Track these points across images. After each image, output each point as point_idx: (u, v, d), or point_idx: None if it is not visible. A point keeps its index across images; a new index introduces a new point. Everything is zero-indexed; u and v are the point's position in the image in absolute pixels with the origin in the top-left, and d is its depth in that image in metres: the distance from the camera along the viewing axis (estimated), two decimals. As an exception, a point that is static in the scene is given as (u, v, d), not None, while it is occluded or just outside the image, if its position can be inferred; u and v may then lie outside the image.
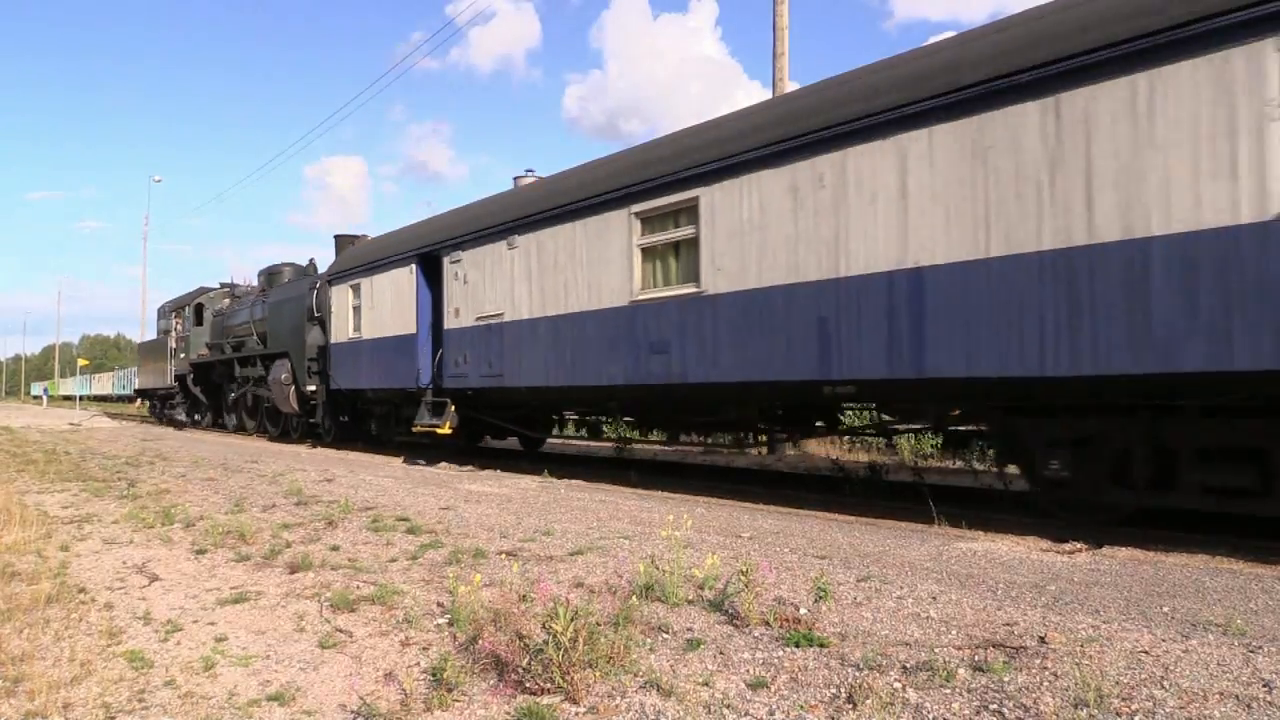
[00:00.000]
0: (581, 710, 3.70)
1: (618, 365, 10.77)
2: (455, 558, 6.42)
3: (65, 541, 7.91)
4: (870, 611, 4.63)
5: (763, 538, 6.97)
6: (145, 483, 12.15)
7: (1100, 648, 3.86)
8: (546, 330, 12.06)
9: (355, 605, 5.42)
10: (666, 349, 10.06)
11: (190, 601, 5.88)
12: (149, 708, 4.08)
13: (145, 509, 9.54)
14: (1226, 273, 5.76)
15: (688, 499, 9.93)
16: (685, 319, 9.82)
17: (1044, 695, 3.41)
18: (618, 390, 10.96)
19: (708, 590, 5.09)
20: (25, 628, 5.24)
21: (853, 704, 3.50)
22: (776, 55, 16.80)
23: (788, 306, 8.63)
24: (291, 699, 4.14)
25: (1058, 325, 6.60)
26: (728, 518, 8.15)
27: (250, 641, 5.01)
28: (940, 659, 3.82)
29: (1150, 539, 6.80)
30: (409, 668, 4.34)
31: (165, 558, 7.24)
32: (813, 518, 8.33)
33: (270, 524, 8.33)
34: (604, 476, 11.85)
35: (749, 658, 4.08)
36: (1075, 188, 6.55)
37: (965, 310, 7.17)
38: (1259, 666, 3.58)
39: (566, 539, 6.99)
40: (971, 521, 7.61)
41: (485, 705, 3.85)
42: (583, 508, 8.86)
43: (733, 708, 3.58)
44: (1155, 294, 6.08)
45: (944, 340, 7.31)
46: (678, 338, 9.90)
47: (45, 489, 11.87)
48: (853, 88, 8.39)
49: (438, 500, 9.58)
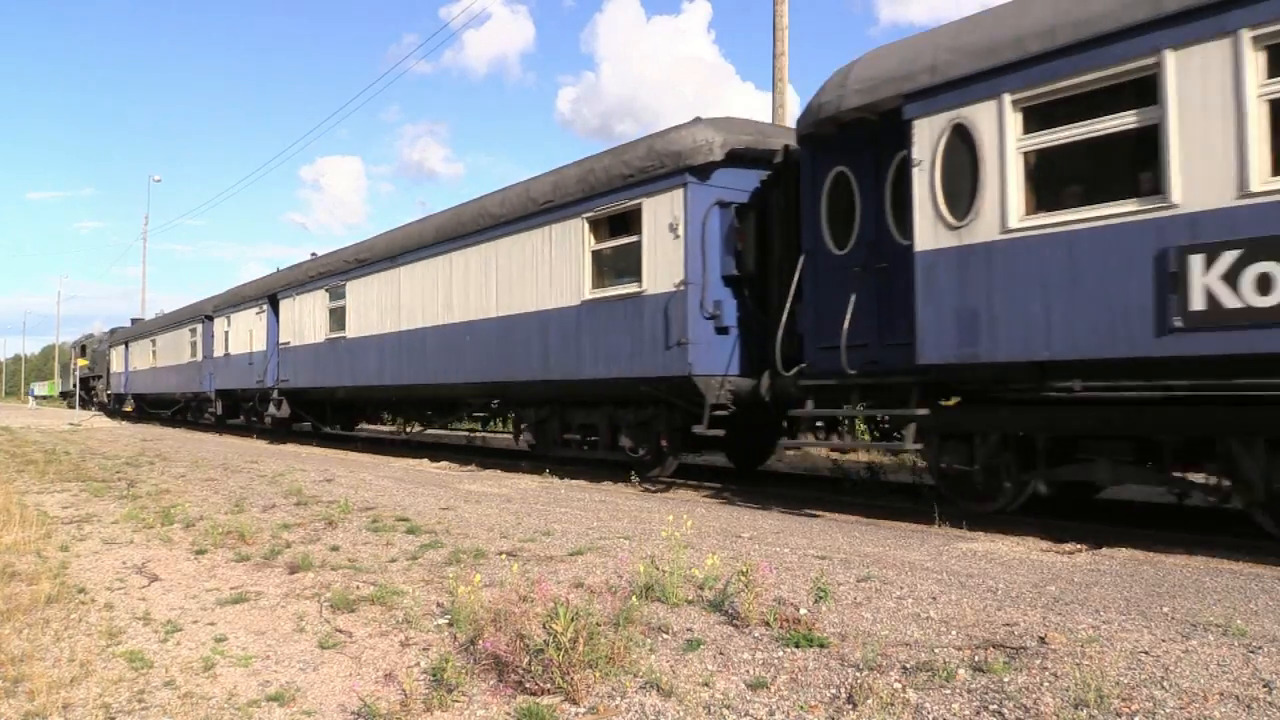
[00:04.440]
0: (581, 710, 3.70)
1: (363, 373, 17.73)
2: (455, 558, 6.42)
3: (65, 542, 7.91)
4: (870, 612, 4.63)
5: (763, 538, 6.98)
6: (145, 483, 12.15)
7: (1100, 648, 3.86)
8: (335, 348, 18.89)
9: (355, 605, 5.41)
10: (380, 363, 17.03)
11: (190, 602, 5.88)
12: (149, 708, 4.09)
13: (145, 509, 9.54)
14: (565, 328, 11.93)
15: (688, 499, 9.93)
16: (384, 346, 16.85)
17: (1044, 695, 3.41)
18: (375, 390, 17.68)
19: (708, 590, 5.09)
20: (25, 628, 5.24)
21: (853, 704, 3.50)
22: (776, 55, 16.80)
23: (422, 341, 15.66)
24: (291, 699, 4.14)
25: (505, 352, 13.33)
26: (728, 518, 8.15)
27: (250, 642, 5.01)
28: (940, 659, 3.82)
29: (1150, 539, 6.80)
30: (409, 668, 4.34)
31: (165, 558, 7.24)
32: (813, 518, 8.33)
33: (270, 524, 8.33)
34: (604, 477, 11.86)
35: (749, 658, 4.08)
36: (489, 288, 13.70)
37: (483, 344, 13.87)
38: (1259, 666, 3.58)
39: (567, 539, 6.99)
40: (972, 521, 7.61)
41: (485, 705, 3.85)
42: (583, 508, 8.86)
43: (733, 708, 3.58)
44: (551, 339, 12.26)
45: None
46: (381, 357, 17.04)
47: (45, 489, 11.88)
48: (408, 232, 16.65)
49: (438, 500, 9.58)
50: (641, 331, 10.55)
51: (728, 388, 9.87)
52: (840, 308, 8.43)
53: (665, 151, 10.33)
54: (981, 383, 7.70)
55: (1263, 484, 6.23)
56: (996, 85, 7.14)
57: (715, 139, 9.98)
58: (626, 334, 10.79)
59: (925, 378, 7.79)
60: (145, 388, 35.45)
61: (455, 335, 14.34)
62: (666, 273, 10.25)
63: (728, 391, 9.86)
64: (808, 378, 8.83)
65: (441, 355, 14.78)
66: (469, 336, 13.98)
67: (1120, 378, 6.61)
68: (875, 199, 8.41)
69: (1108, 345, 6.45)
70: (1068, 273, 6.67)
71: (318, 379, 19.55)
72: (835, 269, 8.72)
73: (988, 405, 7.76)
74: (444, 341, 14.68)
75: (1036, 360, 6.90)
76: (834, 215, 8.83)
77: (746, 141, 10.14)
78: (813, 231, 8.99)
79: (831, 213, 8.85)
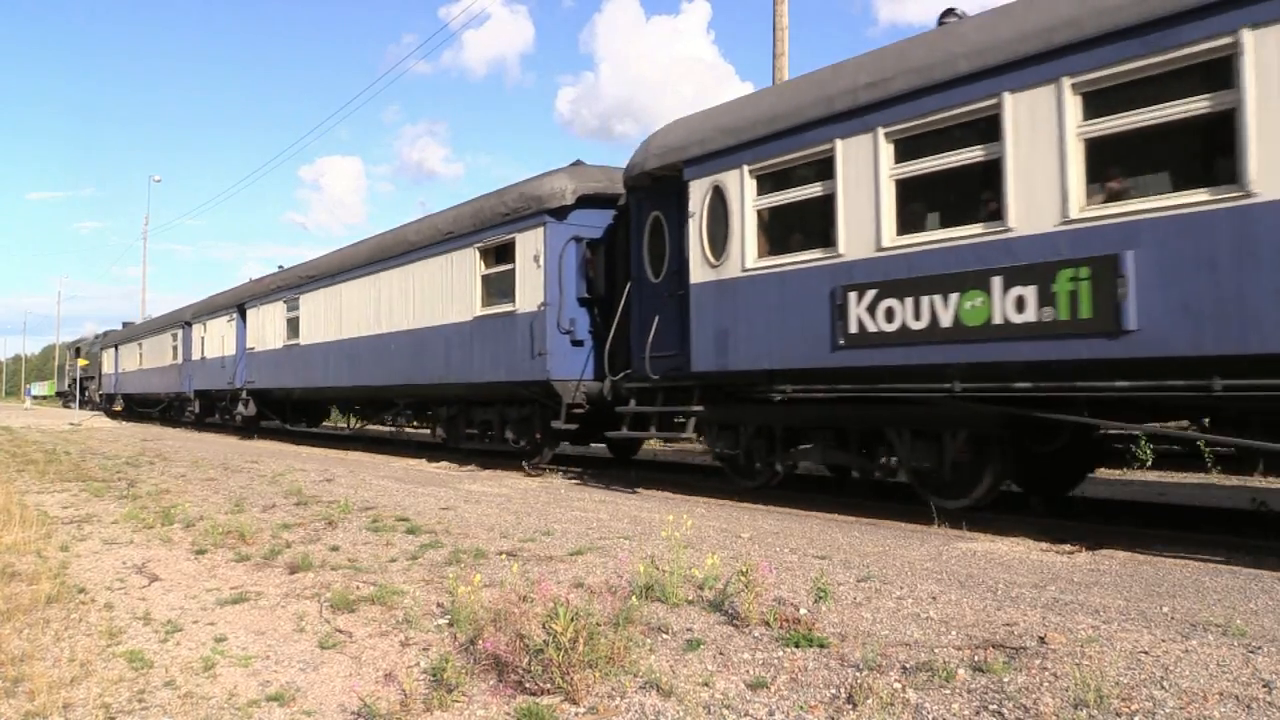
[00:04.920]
0: (581, 710, 3.70)
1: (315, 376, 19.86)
2: (455, 558, 6.42)
3: (65, 542, 7.91)
4: (870, 612, 4.63)
5: (763, 538, 6.98)
6: (145, 483, 12.15)
7: (1100, 648, 3.85)
8: (291, 353, 21.04)
9: (355, 605, 5.41)
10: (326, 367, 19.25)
11: (190, 602, 5.88)
12: (149, 708, 4.09)
13: (145, 509, 9.54)
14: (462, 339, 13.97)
15: (688, 499, 9.93)
16: (329, 352, 19.11)
17: (1044, 695, 3.41)
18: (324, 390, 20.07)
19: (708, 590, 5.09)
20: (25, 628, 5.24)
21: (853, 704, 3.50)
22: (776, 55, 16.81)
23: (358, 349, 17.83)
24: (291, 699, 4.14)
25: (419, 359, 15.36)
26: (728, 518, 8.15)
27: (250, 642, 5.01)
28: (940, 659, 3.82)
29: (1150, 539, 6.80)
30: (409, 668, 4.34)
31: (165, 558, 7.24)
32: (813, 518, 8.33)
33: (270, 524, 8.33)
34: (604, 477, 11.87)
35: (749, 658, 4.08)
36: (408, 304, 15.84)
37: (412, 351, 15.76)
38: (1259, 667, 3.58)
39: (567, 539, 6.99)
40: (971, 522, 7.61)
41: (485, 705, 3.85)
42: (583, 508, 8.86)
43: (733, 708, 3.58)
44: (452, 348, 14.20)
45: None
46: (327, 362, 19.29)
47: (45, 489, 11.88)
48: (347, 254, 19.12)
49: (438, 500, 9.58)
50: (515, 343, 12.64)
51: (582, 390, 11.89)
52: (661, 324, 10.40)
53: (530, 196, 12.52)
54: (736, 386, 9.58)
55: (910, 462, 8.33)
56: (739, 158, 9.21)
57: (568, 186, 12.14)
58: (505, 345, 12.88)
59: (703, 381, 9.74)
60: (133, 388, 37.78)
61: (383, 344, 16.66)
62: (532, 295, 12.38)
63: (582, 393, 11.88)
64: (631, 381, 10.77)
65: (373, 361, 17.06)
66: (393, 345, 16.28)
67: (814, 383, 8.50)
68: (679, 238, 10.18)
69: (805, 358, 8.45)
70: (781, 303, 8.70)
71: (278, 381, 21.92)
72: (652, 294, 10.65)
73: (742, 403, 9.71)
74: (375, 349, 17.00)
75: (765, 369, 8.90)
76: (653, 250, 10.70)
77: (596, 188, 12.20)
78: (637, 262, 10.91)
79: (651, 248, 10.73)
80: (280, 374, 21.69)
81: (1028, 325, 6.72)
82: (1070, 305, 6.49)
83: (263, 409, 24.05)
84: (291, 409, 24.21)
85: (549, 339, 11.92)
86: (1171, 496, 9.67)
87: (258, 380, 23.02)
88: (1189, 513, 8.37)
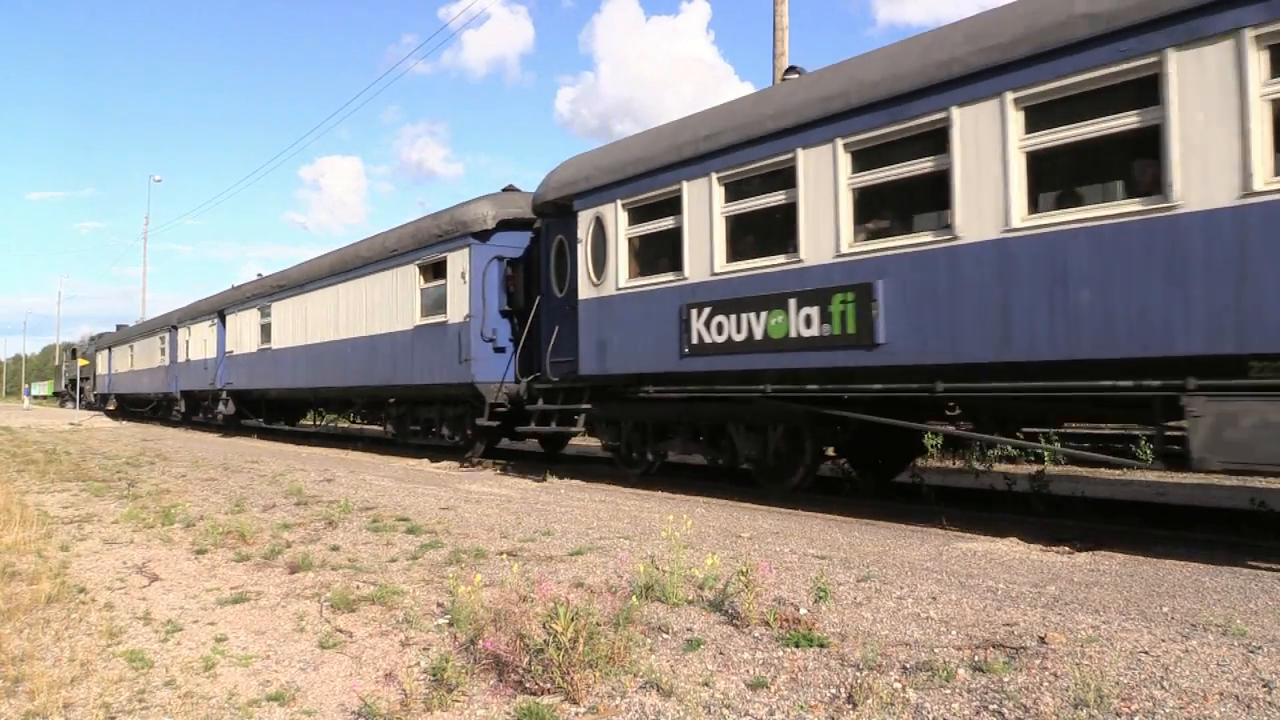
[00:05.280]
0: (581, 710, 3.70)
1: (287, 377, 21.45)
2: (455, 558, 6.42)
3: (65, 541, 7.91)
4: (870, 612, 4.63)
5: (763, 538, 6.98)
6: (145, 483, 12.15)
7: (1100, 648, 3.85)
8: (264, 356, 22.86)
9: (355, 605, 5.42)
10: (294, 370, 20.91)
11: (190, 601, 5.88)
12: (149, 708, 4.09)
13: (145, 509, 9.54)
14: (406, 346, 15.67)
15: (688, 499, 9.93)
16: (297, 356, 20.73)
17: (1044, 695, 3.41)
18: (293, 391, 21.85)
19: (708, 590, 5.09)
20: (25, 628, 5.24)
21: (853, 704, 3.50)
22: (776, 55, 16.80)
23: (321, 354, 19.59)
24: (291, 699, 4.14)
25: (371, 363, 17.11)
26: (728, 518, 8.15)
27: (250, 641, 5.01)
28: (940, 659, 3.82)
29: (1150, 539, 6.80)
30: (409, 668, 4.34)
31: (165, 558, 7.24)
32: (813, 518, 8.33)
33: (270, 524, 8.33)
34: (603, 477, 11.87)
35: (749, 658, 4.08)
36: (362, 313, 17.43)
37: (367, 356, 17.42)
38: (1259, 666, 3.58)
39: (567, 539, 6.99)
40: (971, 522, 7.61)
41: (485, 705, 3.85)
42: (583, 508, 8.86)
43: (733, 708, 3.58)
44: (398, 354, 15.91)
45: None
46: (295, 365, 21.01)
47: (45, 489, 11.88)
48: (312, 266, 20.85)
49: (438, 500, 9.58)
50: (447, 350, 14.24)
51: (504, 391, 13.38)
52: (560, 334, 11.94)
53: (458, 220, 14.23)
54: (615, 387, 10.99)
55: (744, 452, 9.92)
56: (615, 193, 10.77)
57: (490, 212, 13.81)
58: (439, 352, 14.51)
59: (590, 383, 11.28)
60: (125, 388, 39.79)
61: (341, 349, 18.52)
62: (460, 307, 14.01)
63: (504, 394, 13.37)
64: (539, 383, 12.36)
65: (334, 365, 18.89)
66: (349, 351, 18.08)
67: (669, 385, 10.03)
68: (576, 259, 11.61)
69: (662, 363, 9.96)
70: (645, 317, 10.24)
71: (253, 382, 23.82)
72: (556, 307, 12.09)
73: (621, 402, 11.13)
74: (335, 354, 18.85)
75: (635, 372, 10.42)
76: (558, 268, 12.14)
77: (515, 213, 13.71)
78: (545, 279, 12.42)
79: (556, 267, 12.18)
80: (255, 376, 23.52)
81: (814, 338, 8.26)
82: (841, 322, 8.01)
83: (242, 408, 25.87)
84: (267, 408, 26.10)
85: (474, 346, 13.56)
86: (1171, 496, 9.66)
87: (236, 381, 24.78)
88: (1189, 513, 8.36)
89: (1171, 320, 5.93)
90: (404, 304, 15.87)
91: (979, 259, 7.03)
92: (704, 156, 9.42)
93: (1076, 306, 6.44)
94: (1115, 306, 6.22)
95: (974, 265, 7.04)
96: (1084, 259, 6.38)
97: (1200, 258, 5.81)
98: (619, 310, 10.66)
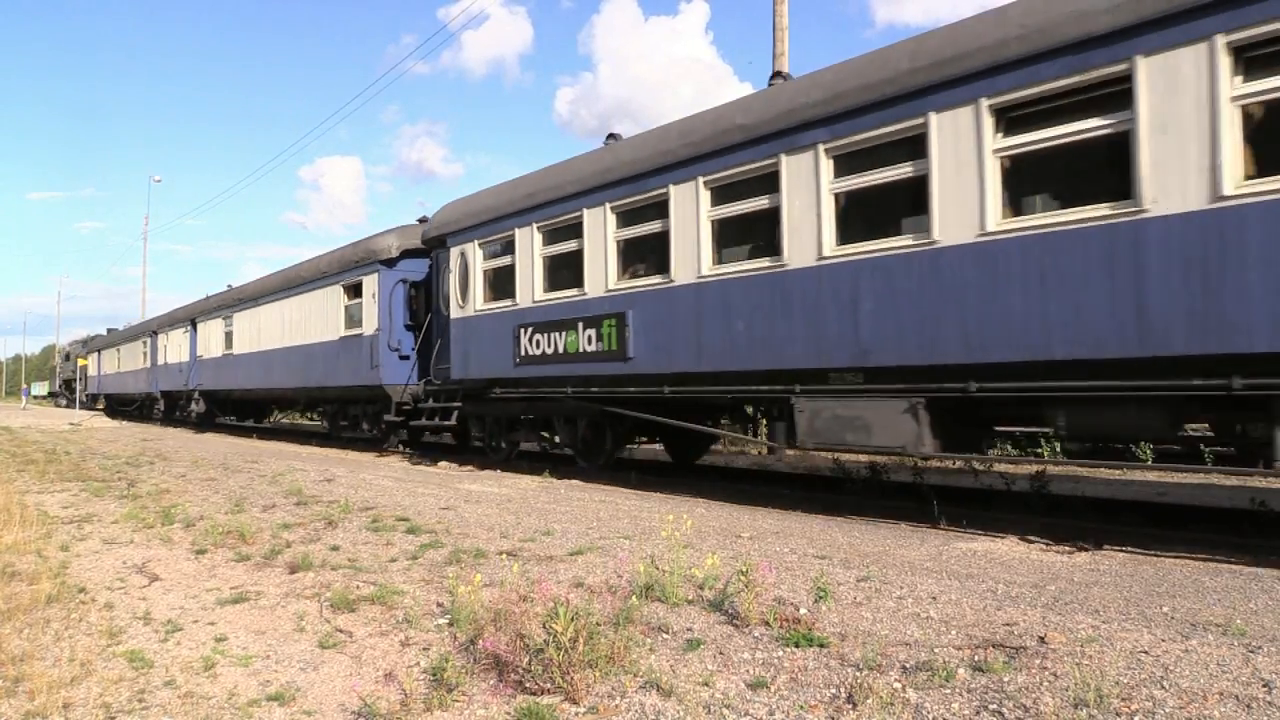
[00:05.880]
0: (581, 710, 3.70)
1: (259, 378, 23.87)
2: (455, 558, 6.42)
3: (65, 541, 7.91)
4: (870, 611, 4.63)
5: (763, 538, 6.97)
6: (145, 483, 12.15)
7: (1100, 648, 3.86)
8: (227, 361, 25.85)
9: (355, 605, 5.41)
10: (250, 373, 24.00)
11: (190, 601, 5.88)
12: (149, 708, 4.09)
13: (145, 509, 9.54)
14: (334, 353, 18.95)
15: (688, 499, 9.93)
16: (253, 361, 23.76)
17: (1044, 695, 3.41)
18: (250, 392, 25.05)
19: (708, 590, 5.09)
20: (25, 628, 5.24)
21: (853, 704, 3.50)
22: (776, 55, 16.81)
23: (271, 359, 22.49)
24: (291, 699, 4.14)
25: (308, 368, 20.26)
26: (728, 518, 8.15)
27: (250, 641, 5.01)
28: (940, 659, 3.82)
29: (1149, 539, 6.80)
30: (409, 668, 4.34)
31: (165, 558, 7.24)
32: (813, 518, 8.33)
33: (270, 524, 8.33)
34: (603, 477, 11.87)
35: (749, 658, 4.08)
36: (302, 325, 20.65)
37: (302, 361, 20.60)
38: (1259, 666, 3.58)
39: (567, 539, 6.99)
40: (971, 521, 7.61)
41: (485, 705, 3.85)
42: (583, 508, 8.86)
43: (733, 708, 3.58)
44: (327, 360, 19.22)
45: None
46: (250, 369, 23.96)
47: (45, 489, 11.88)
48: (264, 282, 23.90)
49: (438, 500, 9.58)
50: (362, 358, 17.25)
51: (408, 392, 15.99)
52: (442, 345, 14.51)
53: (369, 249, 17.38)
54: (477, 389, 13.50)
55: (564, 439, 12.80)
56: (475, 234, 13.44)
57: (395, 243, 16.86)
58: (357, 359, 17.46)
59: (461, 386, 13.85)
60: (113, 389, 43.12)
61: (287, 356, 21.33)
62: (372, 322, 17.04)
63: (408, 395, 15.97)
64: (429, 386, 14.99)
65: (281, 369, 21.76)
66: (292, 357, 20.98)
67: (510, 387, 12.72)
68: (449, 285, 14.15)
69: (504, 371, 12.57)
70: (494, 333, 12.81)
71: (219, 383, 26.88)
72: (442, 323, 14.58)
73: (482, 401, 13.53)
74: (282, 360, 21.69)
75: (488, 377, 13.05)
76: (442, 291, 14.60)
77: (416, 243, 16.14)
78: (436, 299, 15.00)
79: (441, 290, 14.67)
80: (220, 377, 26.69)
81: (594, 353, 10.84)
82: (609, 341, 10.59)
83: (212, 407, 29.13)
84: (232, 406, 29.54)
85: (382, 355, 16.46)
86: (1171, 496, 9.66)
87: (205, 383, 27.87)
88: (1189, 513, 8.36)
89: (787, 344, 8.56)
90: (331, 318, 18.93)
91: (685, 297, 9.69)
92: (527, 210, 12.16)
93: (734, 333, 9.10)
94: (756, 332, 8.87)
95: (682, 301, 9.71)
96: (740, 297, 9.07)
97: (798, 301, 8.45)
98: (477, 327, 13.27)
